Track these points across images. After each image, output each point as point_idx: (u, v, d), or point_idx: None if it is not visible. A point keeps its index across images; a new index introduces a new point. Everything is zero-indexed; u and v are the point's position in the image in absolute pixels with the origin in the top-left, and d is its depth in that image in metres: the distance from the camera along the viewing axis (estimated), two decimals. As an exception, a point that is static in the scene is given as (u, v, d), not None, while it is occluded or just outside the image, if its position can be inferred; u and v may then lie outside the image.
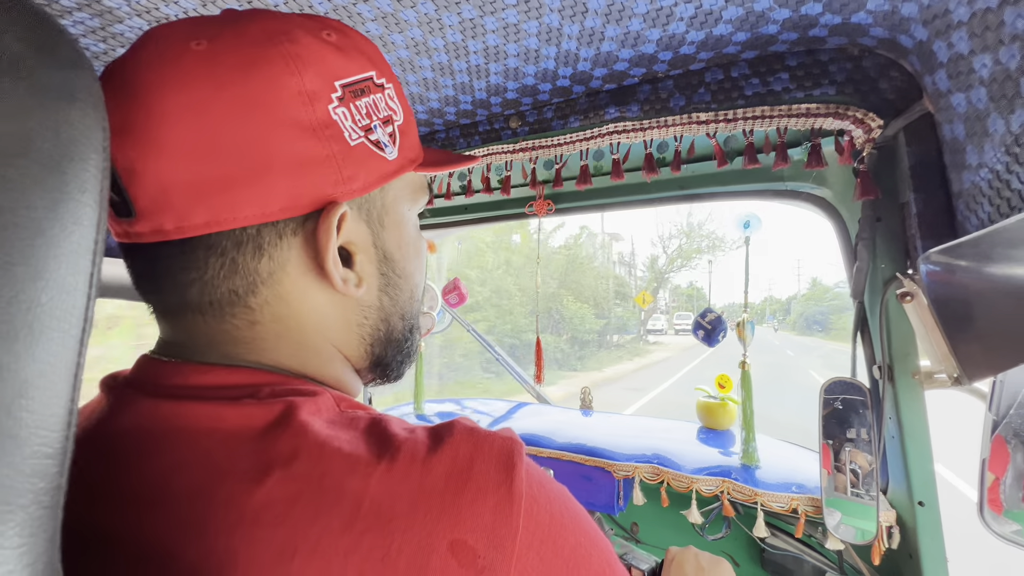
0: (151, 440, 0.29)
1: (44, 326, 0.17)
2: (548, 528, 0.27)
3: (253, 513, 0.25)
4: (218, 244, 0.31)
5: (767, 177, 0.83)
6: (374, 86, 0.36)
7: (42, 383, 0.17)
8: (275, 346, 0.35)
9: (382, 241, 0.38)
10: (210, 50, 0.30)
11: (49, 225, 0.18)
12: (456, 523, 0.25)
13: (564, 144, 0.83)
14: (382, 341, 0.40)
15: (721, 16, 0.59)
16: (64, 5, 0.57)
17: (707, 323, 0.96)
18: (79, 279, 0.19)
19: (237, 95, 0.30)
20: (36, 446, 0.17)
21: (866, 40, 0.61)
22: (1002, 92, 0.45)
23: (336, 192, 0.33)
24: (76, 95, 0.19)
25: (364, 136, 0.34)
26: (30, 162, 0.17)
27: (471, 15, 0.60)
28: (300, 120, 0.31)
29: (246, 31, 0.32)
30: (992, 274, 0.53)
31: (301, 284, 0.34)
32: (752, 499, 0.82)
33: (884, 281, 0.70)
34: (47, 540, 0.18)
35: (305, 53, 0.32)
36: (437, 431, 0.29)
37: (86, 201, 0.19)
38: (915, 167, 0.61)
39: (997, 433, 0.63)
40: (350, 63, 0.34)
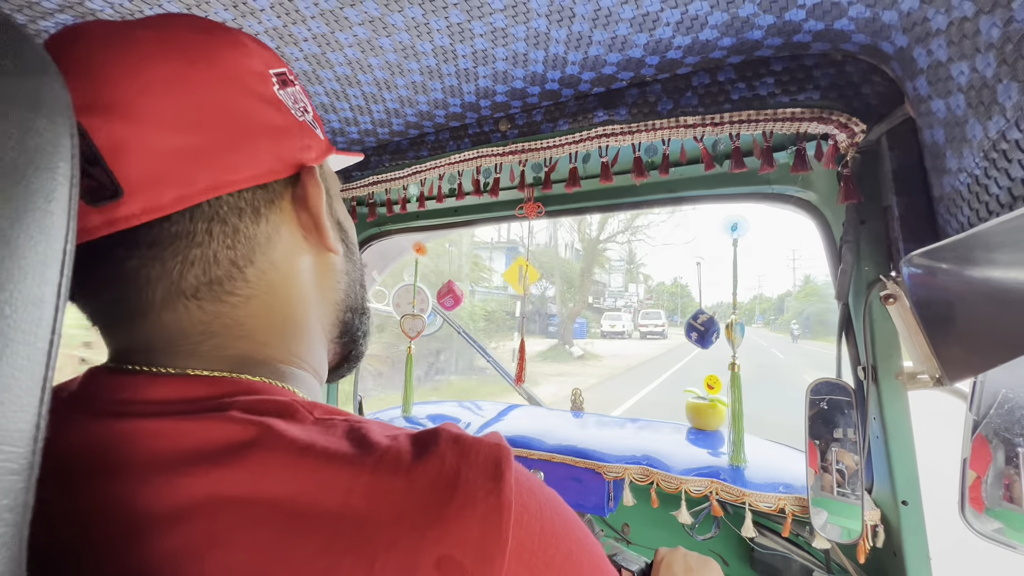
0: (108, 463, 0.27)
1: (8, 339, 0.17)
2: (539, 538, 0.26)
3: (222, 537, 0.24)
4: (218, 212, 0.32)
5: (753, 180, 0.84)
6: (290, 80, 0.38)
7: (6, 397, 0.17)
8: (265, 325, 0.35)
9: (334, 210, 0.42)
10: (158, 36, 0.32)
11: (13, 235, 0.17)
12: (442, 537, 0.24)
13: (553, 147, 0.84)
14: (351, 307, 0.43)
15: (707, 21, 0.59)
16: (46, 7, 0.56)
17: (699, 325, 0.97)
18: (46, 290, 0.19)
19: (208, 70, 0.32)
20: (1, 462, 0.17)
21: (849, 46, 0.62)
22: (979, 99, 0.45)
23: (303, 157, 0.36)
24: (42, 102, 0.19)
25: (304, 115, 0.38)
26: None
27: (459, 19, 0.60)
28: (261, 94, 0.34)
29: (180, 25, 0.34)
30: (972, 277, 0.54)
31: (291, 247, 0.37)
32: (740, 499, 0.83)
33: (868, 283, 0.71)
34: (11, 559, 0.17)
35: (244, 41, 0.35)
36: (421, 438, 0.28)
37: (53, 210, 0.19)
38: (897, 171, 0.62)
39: (978, 433, 0.64)
40: (272, 57, 0.37)
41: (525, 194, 1.02)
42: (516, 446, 1.04)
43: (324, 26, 0.62)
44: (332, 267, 0.41)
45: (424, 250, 1.22)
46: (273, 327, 0.36)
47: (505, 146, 0.87)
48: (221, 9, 0.58)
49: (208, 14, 0.59)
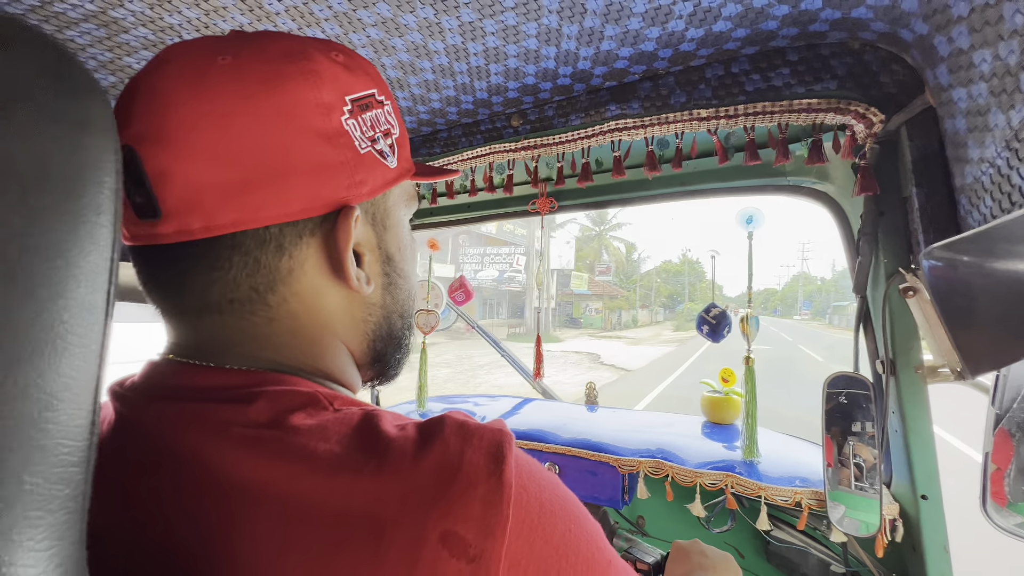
0: (159, 442, 0.30)
1: (67, 343, 0.19)
2: (538, 517, 0.27)
3: (244, 515, 0.26)
4: (242, 243, 0.34)
5: (768, 172, 0.83)
6: (376, 102, 0.39)
7: (66, 396, 0.18)
8: (290, 343, 0.37)
9: (385, 243, 0.41)
10: (235, 64, 0.33)
11: (68, 247, 0.19)
12: (446, 514, 0.25)
13: (566, 142, 0.84)
14: (383, 338, 0.43)
15: (720, 13, 0.59)
16: (72, 16, 0.58)
17: (711, 318, 0.97)
18: (98, 297, 0.20)
19: (262, 105, 0.32)
20: (62, 455, 0.18)
21: (867, 34, 0.60)
22: (1002, 87, 0.44)
23: (349, 195, 0.36)
24: (89, 121, 0.20)
25: (371, 145, 0.38)
26: (48, 188, 0.18)
27: (470, 18, 0.61)
28: (318, 128, 0.34)
29: (267, 48, 0.35)
30: (995, 269, 0.53)
31: (316, 282, 0.37)
32: (756, 493, 0.83)
33: (887, 276, 0.70)
34: (74, 543, 0.19)
35: (320, 69, 0.35)
36: (427, 427, 0.30)
37: (102, 223, 0.20)
38: (917, 161, 0.61)
39: (1001, 427, 0.63)
40: (357, 81, 0.37)
41: (538, 189, 1.02)
42: (531, 440, 1.05)
43: (338, 28, 0.63)
44: (363, 302, 0.40)
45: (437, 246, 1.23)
46: (299, 346, 0.37)
47: (517, 142, 0.87)
48: (238, 14, 0.59)
49: (221, 21, 0.60)
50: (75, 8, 0.57)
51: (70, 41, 0.62)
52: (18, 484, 0.17)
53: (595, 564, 0.29)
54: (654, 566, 0.82)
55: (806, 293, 57.41)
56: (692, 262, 53.63)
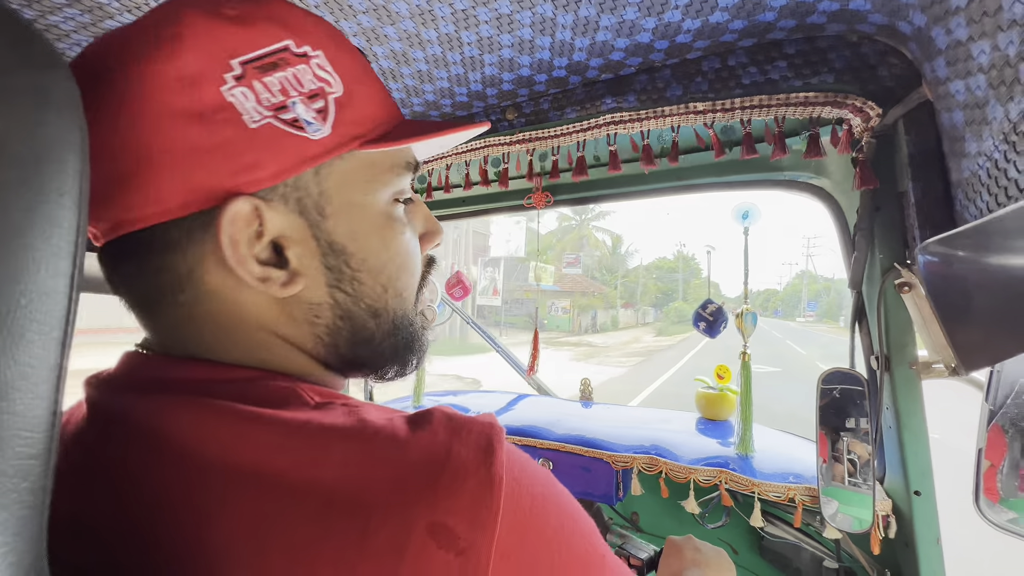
0: (131, 434, 0.29)
1: (24, 329, 0.18)
2: (529, 510, 0.27)
3: (225, 505, 0.26)
4: (131, 247, 0.32)
5: (765, 167, 0.83)
6: (293, 57, 0.32)
7: (23, 385, 0.18)
8: (222, 341, 0.33)
9: (325, 232, 0.34)
10: (101, 49, 0.31)
11: (26, 229, 0.18)
12: (434, 506, 0.25)
13: (561, 135, 0.83)
14: (347, 340, 0.37)
15: (717, 3, 0.58)
16: (56, 2, 0.56)
17: (708, 314, 0.96)
18: (59, 281, 0.19)
19: (115, 90, 0.29)
20: (19, 447, 0.17)
21: (865, 27, 0.60)
22: (1001, 79, 0.44)
23: (237, 182, 0.31)
24: (51, 96, 0.19)
25: (274, 116, 0.31)
26: (4, 165, 0.17)
27: (463, 6, 0.60)
28: (181, 108, 0.29)
29: (141, 21, 0.31)
30: (990, 264, 0.53)
31: (226, 281, 0.32)
32: (749, 489, 0.83)
33: (882, 271, 0.69)
34: (32, 539, 0.18)
35: (187, 33, 0.29)
36: (414, 418, 0.29)
37: (64, 204, 0.19)
38: (914, 156, 0.60)
39: (994, 422, 0.63)
40: (256, 36, 0.31)
41: (533, 183, 1.01)
42: (525, 435, 1.04)
43: (328, 14, 0.61)
44: (301, 300, 0.34)
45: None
46: (238, 344, 0.34)
47: (513, 135, 0.87)
48: None
49: None
50: None
51: (54, 27, 0.61)
52: None
53: (589, 559, 0.29)
54: (647, 562, 0.82)
55: (811, 292, 52.38)
56: (687, 258, 48.99)
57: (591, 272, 36.69)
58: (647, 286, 44.04)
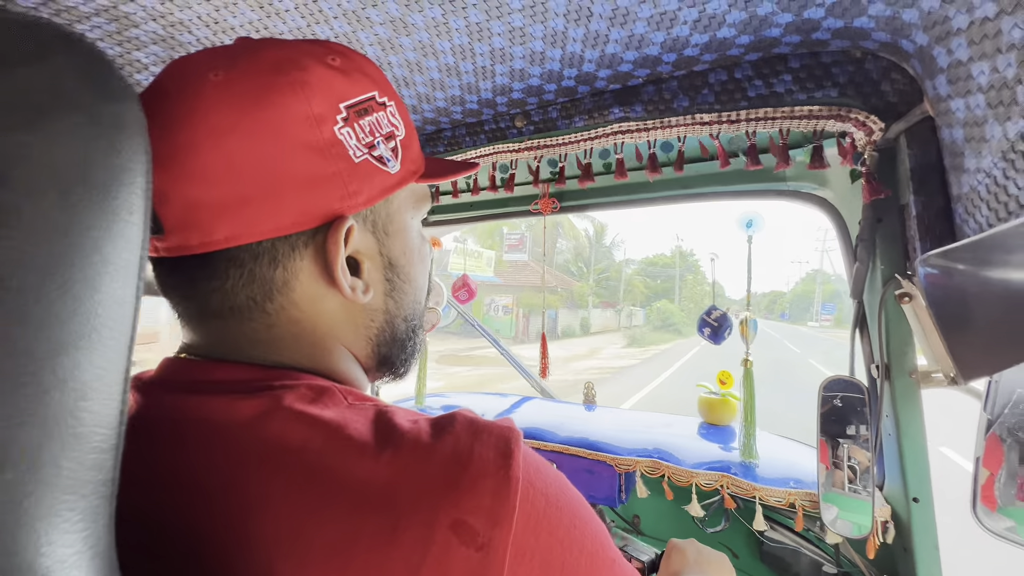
0: (178, 430, 0.31)
1: (101, 335, 0.19)
2: (544, 510, 0.29)
3: (268, 496, 0.27)
4: (237, 256, 0.35)
5: (769, 177, 0.84)
6: (376, 105, 0.38)
7: (99, 386, 0.19)
8: (291, 346, 0.37)
9: (387, 249, 0.41)
10: (226, 81, 0.33)
11: (104, 244, 0.20)
12: (456, 504, 0.26)
13: (569, 143, 0.85)
14: (387, 341, 0.43)
15: (725, 20, 0.59)
16: (83, 11, 0.58)
17: (713, 320, 0.98)
18: (128, 291, 0.21)
19: (252, 122, 0.33)
20: (95, 442, 0.19)
21: (868, 43, 0.61)
22: (999, 99, 0.45)
23: (342, 206, 0.36)
24: (124, 125, 0.21)
25: (367, 152, 0.37)
26: (88, 188, 0.19)
27: (477, 19, 0.61)
28: (308, 142, 0.34)
29: (258, 60, 0.35)
30: (989, 278, 0.54)
31: (313, 291, 0.37)
32: (751, 493, 0.84)
33: (883, 281, 0.71)
34: (104, 525, 0.20)
35: (312, 79, 0.35)
36: (439, 421, 0.31)
37: (134, 221, 0.21)
38: (915, 170, 0.62)
39: (992, 432, 0.64)
40: (353, 85, 0.37)
41: (540, 190, 1.03)
42: (529, 438, 1.06)
43: (346, 26, 0.63)
44: (364, 308, 0.40)
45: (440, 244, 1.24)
46: (301, 349, 0.38)
47: (521, 142, 0.88)
48: (248, 9, 0.59)
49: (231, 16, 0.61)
50: (86, 3, 0.57)
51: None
52: (56, 469, 0.18)
53: (599, 560, 0.31)
54: (649, 564, 0.83)
55: (827, 293, 47.19)
56: (685, 254, 43.89)
57: (567, 265, 31.93)
58: (634, 283, 38.01)
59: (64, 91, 0.19)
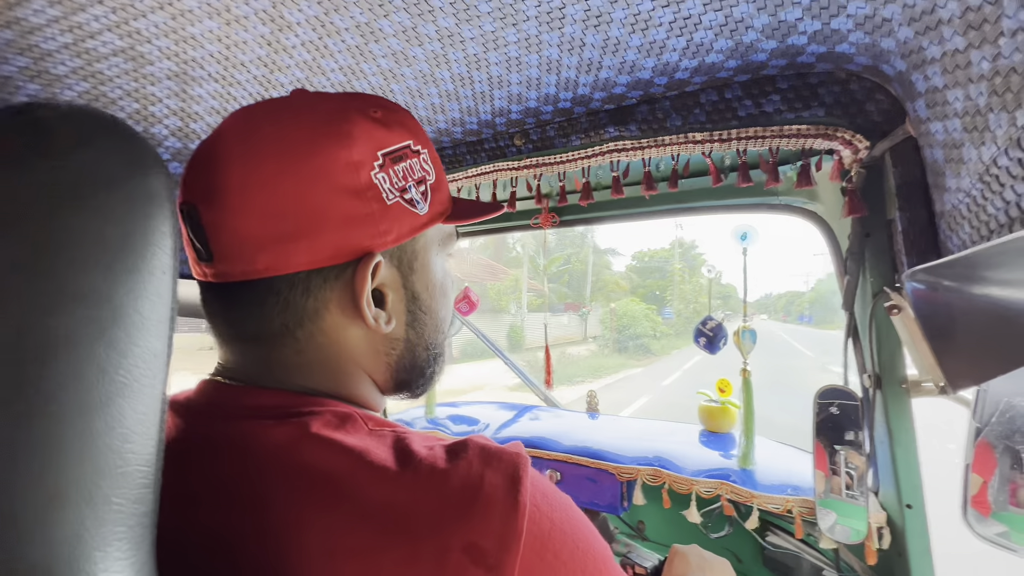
0: (214, 454, 0.34)
1: (141, 385, 0.22)
2: (549, 534, 0.31)
3: (300, 518, 0.30)
4: (274, 285, 0.38)
5: (761, 192, 0.86)
6: (411, 152, 0.42)
7: (140, 429, 0.22)
8: (317, 372, 0.41)
9: (411, 283, 0.44)
10: (280, 132, 0.37)
11: (142, 303, 0.22)
12: (468, 528, 0.29)
13: (566, 162, 0.87)
14: (406, 368, 0.46)
15: (712, 47, 0.62)
16: (102, 52, 0.61)
17: (708, 330, 1.00)
18: (162, 343, 0.23)
19: (300, 168, 0.37)
20: (139, 479, 0.22)
21: (852, 66, 0.64)
22: (973, 125, 0.48)
23: (373, 243, 0.40)
24: (156, 194, 0.24)
25: (399, 196, 0.41)
26: (127, 255, 0.22)
27: (475, 51, 0.64)
28: (347, 186, 0.38)
29: (311, 113, 0.39)
30: (973, 292, 0.56)
31: (340, 320, 0.40)
32: (749, 500, 0.86)
33: (873, 293, 0.73)
34: (148, 552, 0.22)
35: (355, 131, 0.39)
36: (453, 448, 0.33)
37: (166, 280, 0.24)
38: (900, 187, 0.64)
39: (981, 439, 0.66)
40: (391, 135, 0.41)
41: (540, 205, 1.06)
42: (533, 447, 1.08)
43: (350, 59, 0.66)
44: (385, 337, 0.43)
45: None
46: (325, 374, 0.41)
47: (520, 160, 0.91)
48: (259, 24, 0.61)
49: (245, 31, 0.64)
50: (105, 44, 0.60)
51: (99, 72, 0.66)
52: (108, 505, 0.20)
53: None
54: (652, 571, 0.85)
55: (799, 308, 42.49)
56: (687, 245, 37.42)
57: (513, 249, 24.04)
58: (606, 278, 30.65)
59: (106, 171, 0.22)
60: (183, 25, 0.58)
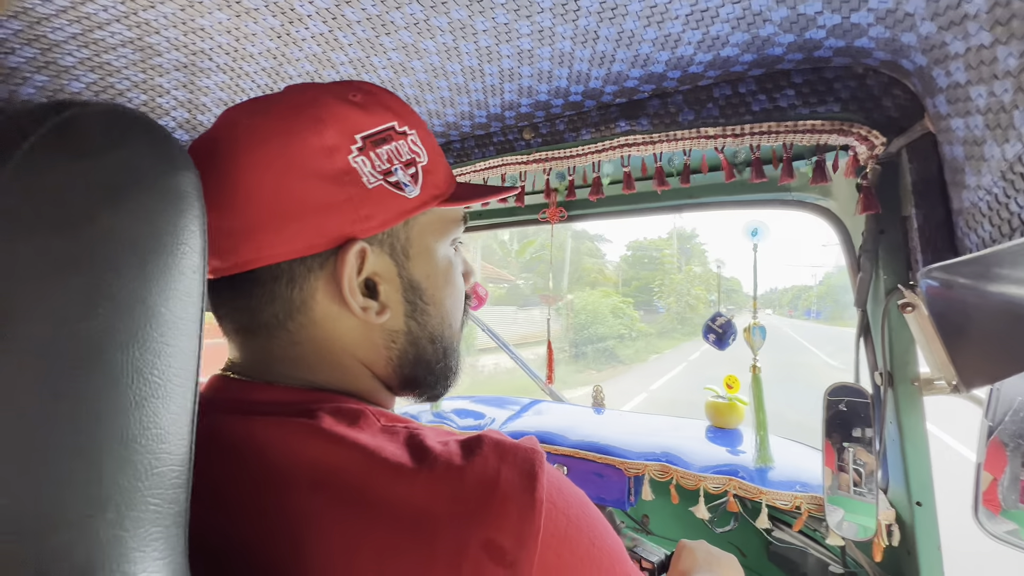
0: (228, 450, 0.34)
1: (174, 386, 0.22)
2: (565, 530, 0.31)
3: (316, 514, 0.30)
4: (259, 277, 0.38)
5: (774, 187, 0.86)
6: (395, 134, 0.41)
7: (173, 429, 0.22)
8: (315, 365, 0.40)
9: (407, 271, 0.42)
10: (255, 123, 0.37)
11: (174, 304, 0.22)
12: (486, 524, 0.28)
13: (576, 156, 0.86)
14: (411, 362, 0.44)
15: (728, 40, 0.61)
16: (110, 43, 0.61)
17: (717, 327, 0.99)
18: (193, 343, 0.23)
19: (272, 158, 0.36)
20: (172, 479, 0.22)
21: (869, 61, 0.63)
22: (997, 122, 0.47)
23: (354, 229, 0.38)
24: (186, 194, 0.24)
25: (383, 179, 0.39)
26: (159, 255, 0.22)
27: (487, 43, 0.63)
28: (321, 171, 0.37)
29: (286, 103, 0.38)
30: (989, 292, 0.55)
31: (331, 311, 0.39)
32: (757, 497, 0.86)
33: (886, 291, 0.72)
34: (181, 552, 0.22)
35: (326, 115, 0.38)
36: (468, 443, 0.33)
37: (196, 277, 0.24)
38: (917, 183, 0.63)
39: (994, 437, 0.66)
40: (371, 117, 0.40)
41: (549, 200, 1.05)
42: (540, 441, 1.08)
43: (360, 52, 0.65)
44: (383, 328, 0.42)
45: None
46: (325, 368, 0.40)
47: (529, 155, 0.90)
48: (269, 16, 0.60)
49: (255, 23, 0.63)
50: (113, 35, 0.60)
51: (107, 64, 0.65)
52: (146, 506, 0.20)
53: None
54: (659, 565, 0.85)
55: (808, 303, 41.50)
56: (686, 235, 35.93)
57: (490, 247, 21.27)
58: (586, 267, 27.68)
59: (140, 170, 0.22)
60: (193, 16, 0.58)
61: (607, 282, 27.68)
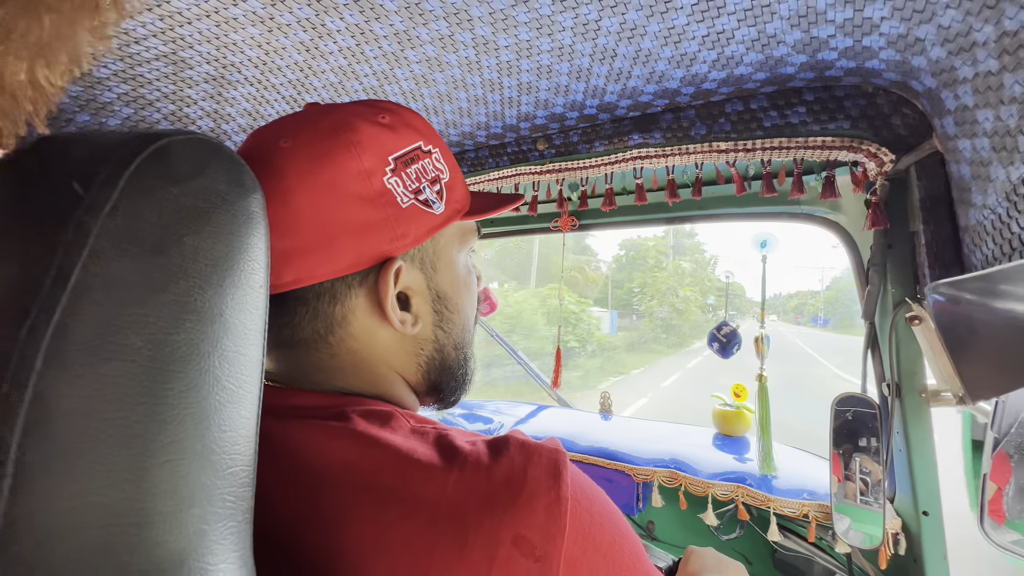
0: (269, 452, 0.35)
1: (244, 392, 0.24)
2: (589, 526, 0.32)
3: (352, 512, 0.31)
4: (303, 296, 0.40)
5: (784, 201, 0.87)
6: (422, 153, 0.43)
7: (243, 432, 0.24)
8: (351, 374, 0.42)
9: (435, 283, 0.45)
10: (293, 146, 0.39)
11: (245, 317, 0.24)
12: (516, 520, 0.30)
13: (589, 167, 0.88)
14: (437, 368, 0.47)
15: (742, 60, 0.63)
16: (144, 56, 0.63)
17: (722, 336, 1.01)
18: (258, 351, 0.25)
19: (312, 181, 0.38)
20: (242, 477, 0.24)
21: (879, 81, 0.65)
22: (1003, 145, 0.49)
23: (391, 248, 0.41)
24: (253, 213, 0.26)
25: (414, 198, 0.42)
26: (233, 272, 0.24)
27: (508, 58, 0.65)
28: (360, 194, 0.39)
29: (318, 126, 0.40)
30: (996, 307, 0.57)
31: (368, 324, 0.42)
32: (765, 504, 0.87)
33: (894, 304, 0.74)
34: (248, 546, 0.24)
35: (363, 139, 0.40)
36: (495, 444, 0.35)
37: (262, 293, 0.26)
38: (925, 200, 0.65)
39: (999, 449, 0.67)
40: (400, 139, 0.42)
41: (562, 209, 1.07)
42: None
43: (384, 65, 0.68)
44: (414, 338, 0.44)
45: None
46: (359, 376, 0.42)
47: (543, 165, 0.92)
48: (300, 31, 0.62)
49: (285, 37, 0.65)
50: (148, 49, 0.62)
51: (140, 76, 0.68)
52: (223, 502, 0.22)
53: (636, 573, 0.34)
54: (666, 571, 0.87)
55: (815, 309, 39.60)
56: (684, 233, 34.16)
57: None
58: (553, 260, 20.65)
59: (217, 194, 0.24)
60: (226, 32, 0.60)
61: (591, 282, 24.87)
